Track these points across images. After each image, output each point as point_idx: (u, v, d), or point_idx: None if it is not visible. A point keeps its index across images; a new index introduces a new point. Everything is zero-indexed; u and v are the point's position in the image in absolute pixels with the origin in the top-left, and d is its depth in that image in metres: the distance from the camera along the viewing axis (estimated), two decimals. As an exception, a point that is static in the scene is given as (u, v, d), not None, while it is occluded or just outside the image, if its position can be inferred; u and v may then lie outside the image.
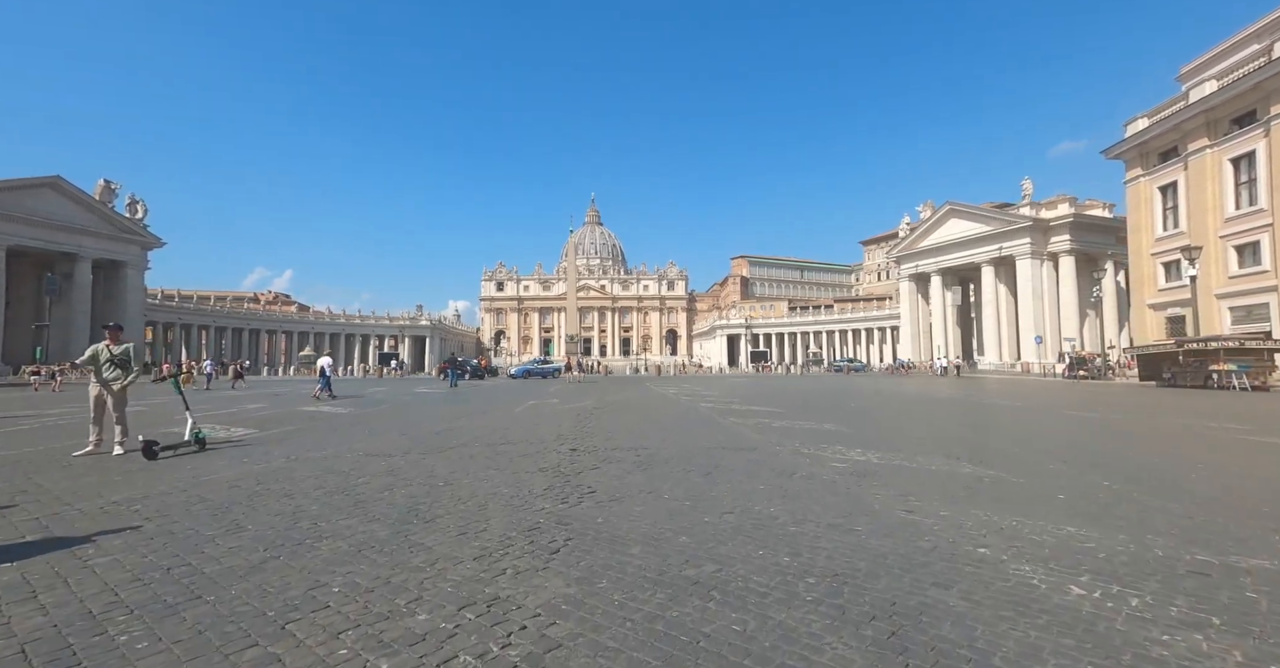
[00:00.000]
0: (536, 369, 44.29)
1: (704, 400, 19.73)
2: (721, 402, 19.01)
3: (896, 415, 14.50)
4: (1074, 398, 20.86)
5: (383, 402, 19.39)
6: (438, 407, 17.61)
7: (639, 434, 10.56)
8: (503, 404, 18.41)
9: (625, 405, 17.54)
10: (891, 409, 16.32)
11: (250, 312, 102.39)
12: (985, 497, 5.64)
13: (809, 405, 17.51)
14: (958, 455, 7.96)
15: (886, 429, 11.29)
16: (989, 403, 18.61)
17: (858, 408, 16.64)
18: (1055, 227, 54.28)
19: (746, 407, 16.75)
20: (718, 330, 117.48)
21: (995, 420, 13.48)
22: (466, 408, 17.00)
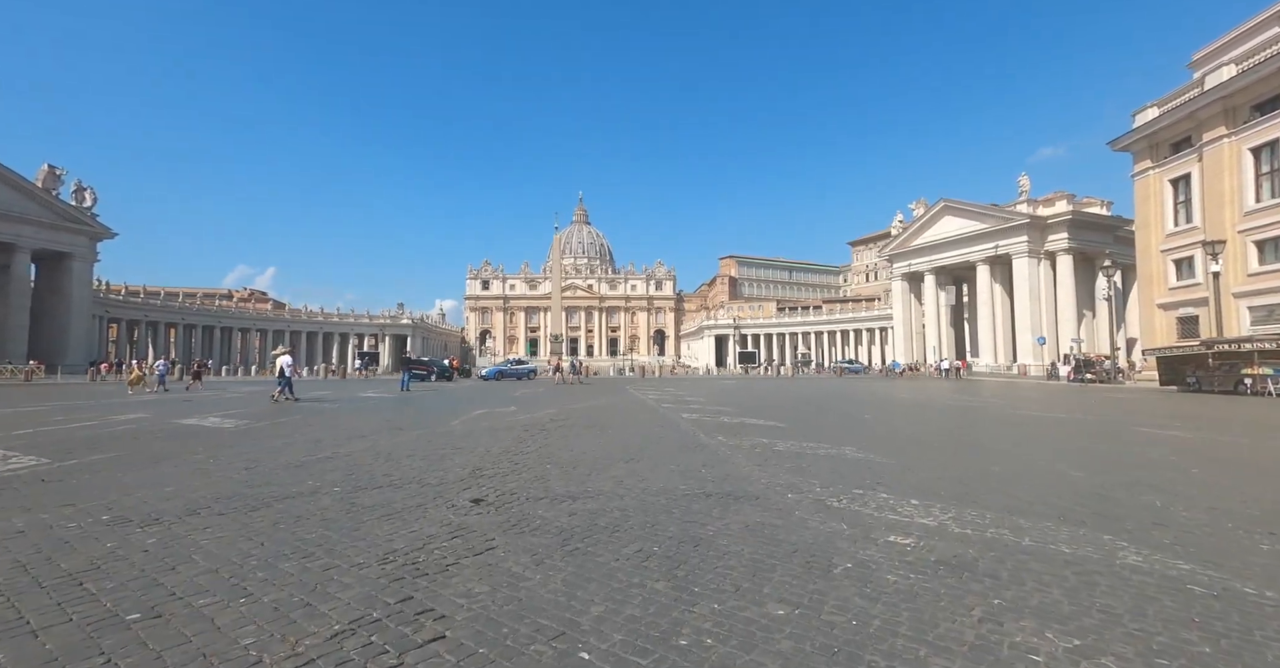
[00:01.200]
0: (510, 370, 40.94)
1: (688, 408, 16.64)
2: (708, 411, 15.91)
3: (945, 437, 11.45)
4: (1123, 409, 18.05)
5: (294, 413, 16.06)
6: (358, 418, 14.33)
7: (589, 467, 7.42)
8: (445, 414, 15.17)
9: (591, 417, 14.38)
10: (927, 426, 13.29)
11: (222, 309, 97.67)
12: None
13: (815, 418, 14.48)
14: (1125, 526, 4.79)
15: (947, 462, 8.11)
16: (1038, 417, 15.66)
17: (880, 423, 13.60)
18: (1053, 224, 52.05)
19: (739, 418, 13.67)
20: (705, 331, 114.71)
21: (1092, 448, 10.40)
22: (394, 420, 13.75)
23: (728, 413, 15.18)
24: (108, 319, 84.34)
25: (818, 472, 7.05)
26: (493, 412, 15.72)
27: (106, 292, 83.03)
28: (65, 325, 49.23)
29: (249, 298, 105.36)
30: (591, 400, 20.37)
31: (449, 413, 15.39)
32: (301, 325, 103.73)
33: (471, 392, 26.72)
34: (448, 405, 18.20)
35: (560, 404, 18.47)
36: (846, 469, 7.20)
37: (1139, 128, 36.44)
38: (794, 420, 13.32)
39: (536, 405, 18.01)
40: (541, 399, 21.14)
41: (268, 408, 16.84)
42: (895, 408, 17.61)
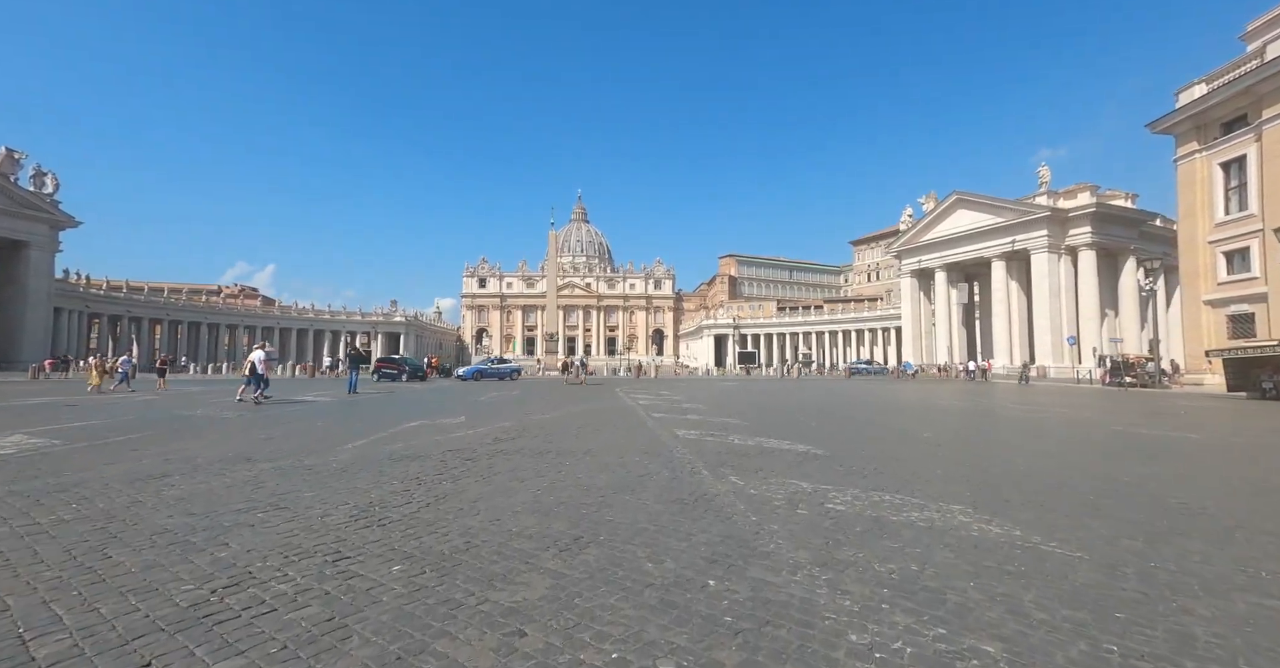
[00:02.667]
0: (491, 370, 36.95)
1: (685, 420, 12.76)
2: (711, 424, 12.03)
3: (1107, 482, 7.52)
4: (1243, 424, 14.20)
5: (152, 426, 12.13)
6: (236, 433, 10.46)
7: (475, 577, 3.54)
8: (361, 429, 11.29)
9: (553, 435, 10.50)
10: (1038, 455, 9.37)
11: (209, 305, 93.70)
12: None
13: (857, 438, 10.59)
14: None
15: (1156, 539, 4.30)
16: (1175, 438, 11.79)
17: (957, 447, 9.72)
18: (1075, 218, 48.21)
19: (754, 439, 9.80)
20: (705, 330, 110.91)
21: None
22: (280, 437, 9.89)
23: (737, 428, 11.28)
24: (88, 314, 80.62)
25: (953, 583, 3.18)
26: (431, 424, 11.84)
27: (87, 286, 79.19)
28: (20, 319, 45.34)
29: (238, 294, 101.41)
30: (568, 407, 16.47)
31: (369, 426, 11.50)
32: (291, 322, 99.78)
33: (433, 394, 22.84)
34: (381, 414, 14.31)
35: (523, 414, 14.57)
36: (1006, 580, 3.33)
37: (1184, 107, 32.58)
38: (832, 443, 9.42)
39: (495, 415, 14.13)
40: (506, 406, 17.26)
41: (128, 419, 12.96)
42: (951, 422, 13.72)
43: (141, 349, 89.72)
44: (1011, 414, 15.63)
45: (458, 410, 15.19)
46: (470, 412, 14.81)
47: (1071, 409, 17.38)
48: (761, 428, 11.39)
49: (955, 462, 7.75)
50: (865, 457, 8.08)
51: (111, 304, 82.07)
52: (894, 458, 8.04)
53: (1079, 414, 15.70)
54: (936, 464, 7.49)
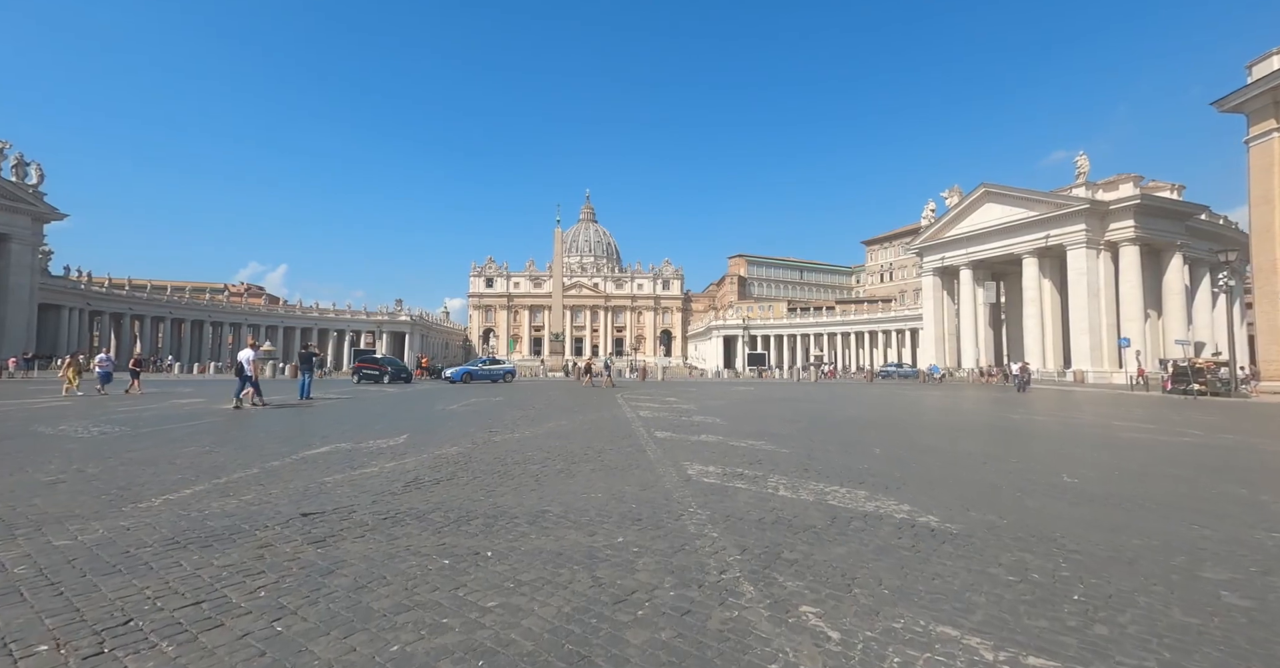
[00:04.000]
0: (482, 371, 33.45)
1: (699, 447, 9.24)
2: (739, 455, 8.50)
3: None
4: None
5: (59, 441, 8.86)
6: (36, 464, 7.11)
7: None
8: (252, 453, 7.92)
9: (504, 472, 7.07)
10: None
11: (213, 303, 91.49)
12: None
13: (991, 494, 7.00)
14: None
15: None
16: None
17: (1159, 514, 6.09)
18: (1116, 210, 44.04)
19: (819, 486, 6.23)
20: (714, 331, 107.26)
21: None
22: (89, 476, 6.51)
23: (776, 462, 7.74)
24: (89, 312, 78.69)
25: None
26: (350, 449, 8.42)
27: (88, 283, 77.26)
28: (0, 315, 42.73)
29: (243, 293, 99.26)
30: (550, 421, 12.99)
31: (250, 453, 8.08)
32: (296, 321, 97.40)
33: (400, 401, 19.49)
34: (296, 431, 10.91)
35: (488, 431, 11.11)
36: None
37: (1258, 81, 28.53)
38: (950, 498, 5.81)
39: (450, 432, 10.69)
40: (475, 417, 13.83)
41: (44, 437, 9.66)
42: (1085, 453, 10.10)
43: (144, 347, 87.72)
44: (1120, 436, 11.92)
45: (407, 424, 11.76)
46: (421, 427, 11.37)
47: (1208, 433, 13.62)
48: (812, 461, 7.84)
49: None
50: (1054, 541, 4.48)
51: (113, 302, 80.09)
52: (1105, 544, 4.44)
53: (1240, 441, 11.96)
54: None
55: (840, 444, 9.61)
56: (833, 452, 8.74)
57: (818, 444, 9.58)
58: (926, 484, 6.38)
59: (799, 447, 9.20)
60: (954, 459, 8.25)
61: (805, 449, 8.96)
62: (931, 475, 6.95)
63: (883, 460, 7.97)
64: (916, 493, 5.91)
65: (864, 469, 7.25)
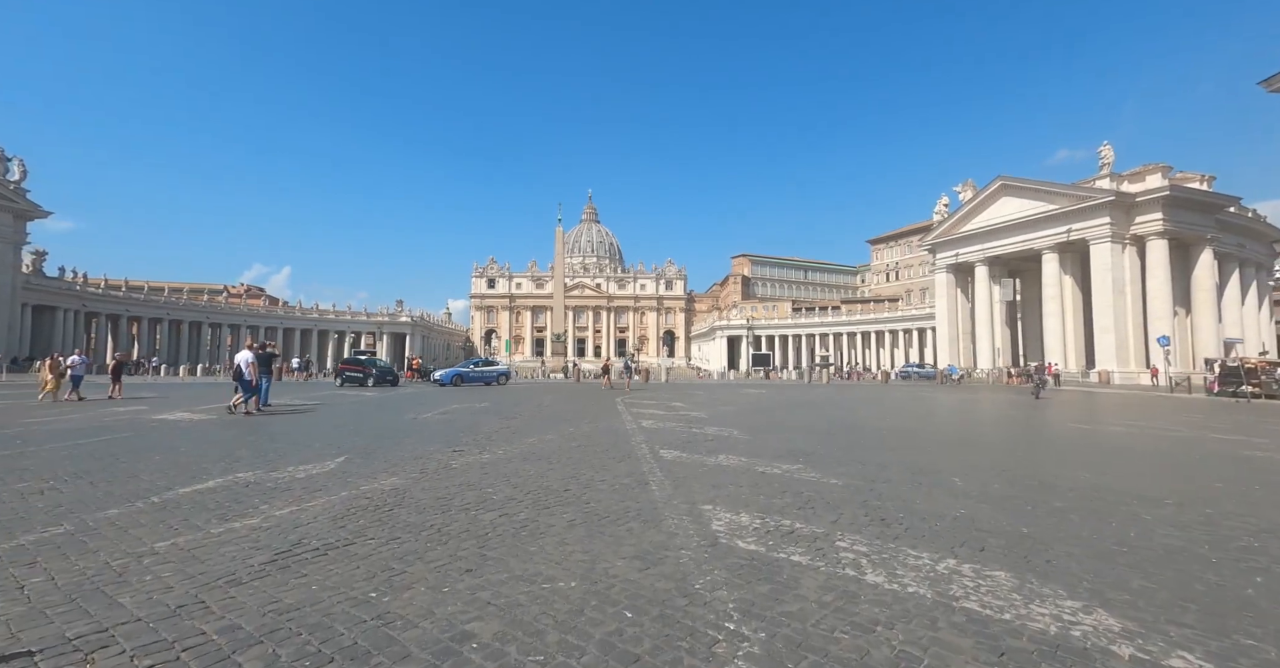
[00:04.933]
0: (473, 373, 31.12)
1: (718, 474, 6.94)
2: (776, 488, 6.22)
3: None
4: None
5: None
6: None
7: None
8: (107, 493, 5.67)
9: (439, 529, 4.87)
10: None
11: (211, 304, 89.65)
12: None
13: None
14: None
15: None
16: None
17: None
18: (1143, 203, 41.51)
19: (950, 562, 3.94)
20: (718, 332, 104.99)
21: None
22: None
23: (851, 520, 5.44)
24: (85, 313, 77.01)
25: None
26: (253, 483, 6.17)
27: (84, 285, 75.56)
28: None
29: (242, 294, 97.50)
30: (531, 436, 10.70)
31: (135, 486, 5.85)
32: (295, 323, 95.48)
33: (370, 408, 17.27)
34: (222, 451, 8.67)
35: (449, 452, 8.84)
36: None
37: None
38: (1218, 629, 3.40)
39: (401, 454, 8.43)
40: (444, 430, 11.58)
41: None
42: (1246, 482, 7.77)
43: (141, 349, 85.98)
44: (1259, 457, 9.57)
45: (356, 441, 9.50)
46: (371, 444, 9.10)
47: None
48: (883, 503, 5.53)
49: None
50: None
51: (109, 303, 78.37)
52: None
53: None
54: None
55: (904, 470, 7.28)
56: (900, 483, 6.43)
57: (873, 469, 7.27)
58: (1094, 557, 4.04)
59: (851, 474, 6.90)
60: (1083, 500, 5.89)
61: (861, 478, 6.66)
62: (1080, 533, 4.61)
63: (981, 501, 5.66)
64: (1094, 577, 3.60)
65: (966, 519, 4.95)
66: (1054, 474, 7.20)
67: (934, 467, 7.57)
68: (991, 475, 7.05)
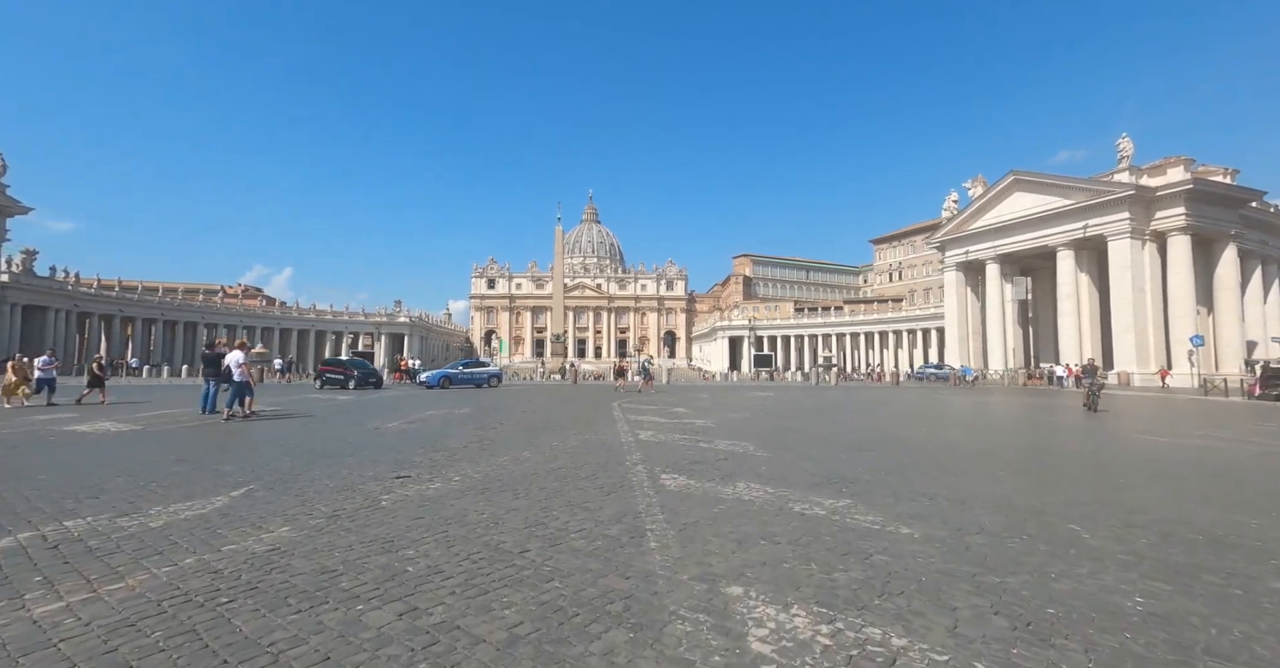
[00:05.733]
0: (462, 375, 28.98)
1: (741, 518, 5.00)
2: (835, 545, 4.26)
3: None
4: None
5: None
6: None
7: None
8: None
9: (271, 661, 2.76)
10: None
11: (206, 304, 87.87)
12: None
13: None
14: None
15: None
16: None
17: None
18: (1164, 197, 39.52)
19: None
20: (719, 332, 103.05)
21: None
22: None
23: (967, 621, 3.49)
24: (77, 314, 75.28)
25: None
26: (93, 530, 4.25)
27: (76, 284, 73.82)
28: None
29: (239, 294, 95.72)
30: (504, 454, 8.73)
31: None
32: (292, 323, 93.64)
33: (336, 415, 15.35)
34: (93, 477, 6.75)
35: (388, 481, 6.90)
36: None
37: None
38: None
39: (327, 483, 6.48)
40: (402, 445, 9.65)
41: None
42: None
43: (135, 350, 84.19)
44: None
45: (278, 464, 7.53)
46: (296, 467, 7.16)
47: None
48: (1003, 581, 3.59)
49: None
50: None
51: (102, 303, 76.69)
52: None
53: None
54: None
55: (992, 510, 5.32)
56: (1003, 536, 4.48)
57: (950, 508, 5.31)
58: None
59: (923, 516, 4.94)
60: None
61: (942, 525, 4.70)
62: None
63: (1151, 575, 3.69)
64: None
65: (1161, 620, 2.99)
66: (1209, 520, 5.21)
67: (1030, 506, 5.60)
68: (1117, 520, 5.08)
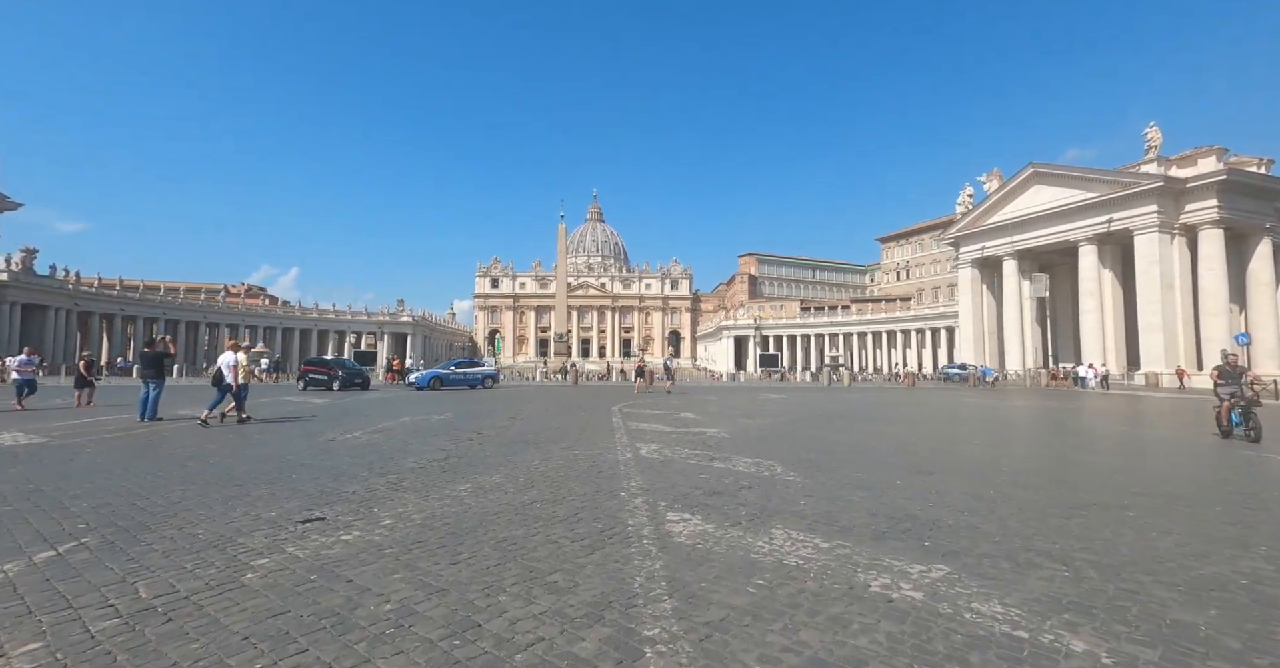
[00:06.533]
0: (454, 376, 26.81)
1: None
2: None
3: None
4: None
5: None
6: None
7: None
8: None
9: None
10: None
11: (208, 304, 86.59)
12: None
13: None
14: None
15: None
16: None
17: None
18: (1195, 189, 37.26)
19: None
20: (724, 332, 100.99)
21: None
22: None
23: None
24: (77, 313, 74.21)
25: None
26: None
27: (76, 283, 72.71)
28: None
29: (242, 293, 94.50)
30: (473, 476, 6.87)
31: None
32: (295, 323, 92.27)
33: (299, 421, 13.55)
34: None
35: (287, 529, 5.01)
36: None
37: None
38: None
39: (196, 538, 4.62)
40: (346, 466, 7.79)
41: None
42: None
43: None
44: None
45: (159, 498, 5.69)
46: (167, 506, 5.29)
47: None
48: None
49: None
50: None
51: (102, 302, 75.59)
52: None
53: None
54: None
55: (1158, 574, 3.41)
56: (1224, 629, 2.57)
57: (1107, 580, 3.39)
58: None
59: (1086, 609, 3.04)
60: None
61: (1128, 625, 2.80)
62: None
63: None
64: None
65: None
66: None
67: (1231, 575, 3.67)
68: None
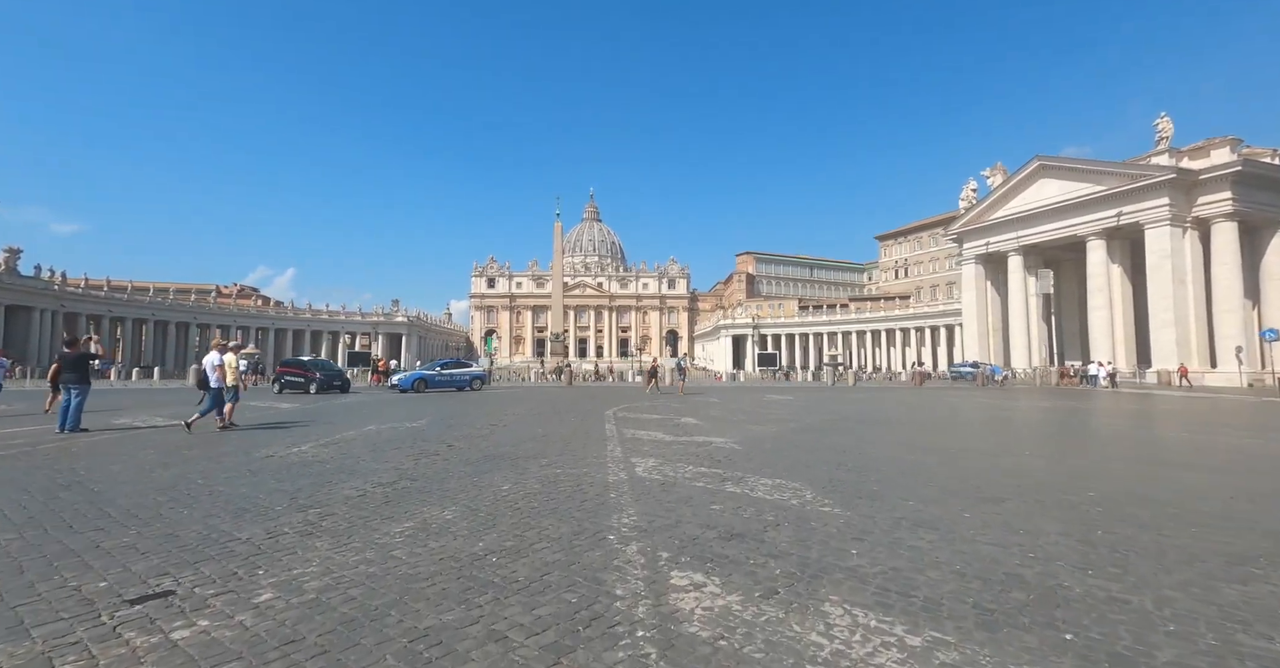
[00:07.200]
0: (440, 377, 25.05)
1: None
2: None
3: None
4: None
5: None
6: None
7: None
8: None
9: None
10: None
11: (199, 304, 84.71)
12: None
13: None
14: None
15: None
16: None
17: None
18: (1208, 181, 35.96)
19: None
20: (722, 331, 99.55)
21: None
22: None
23: None
24: (63, 314, 72.26)
25: None
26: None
27: (62, 284, 70.81)
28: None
29: (233, 294, 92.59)
30: (422, 507, 5.35)
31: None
32: (288, 323, 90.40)
33: (253, 431, 12.01)
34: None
35: (20, 646, 3.42)
36: None
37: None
38: None
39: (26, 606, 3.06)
40: (265, 495, 6.26)
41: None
42: None
43: (126, 350, 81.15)
44: None
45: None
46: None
47: None
48: None
49: None
50: None
51: (89, 303, 73.54)
52: None
53: None
54: None
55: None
56: None
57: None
58: None
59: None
60: None
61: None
62: None
63: None
64: None
65: None
66: None
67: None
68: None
